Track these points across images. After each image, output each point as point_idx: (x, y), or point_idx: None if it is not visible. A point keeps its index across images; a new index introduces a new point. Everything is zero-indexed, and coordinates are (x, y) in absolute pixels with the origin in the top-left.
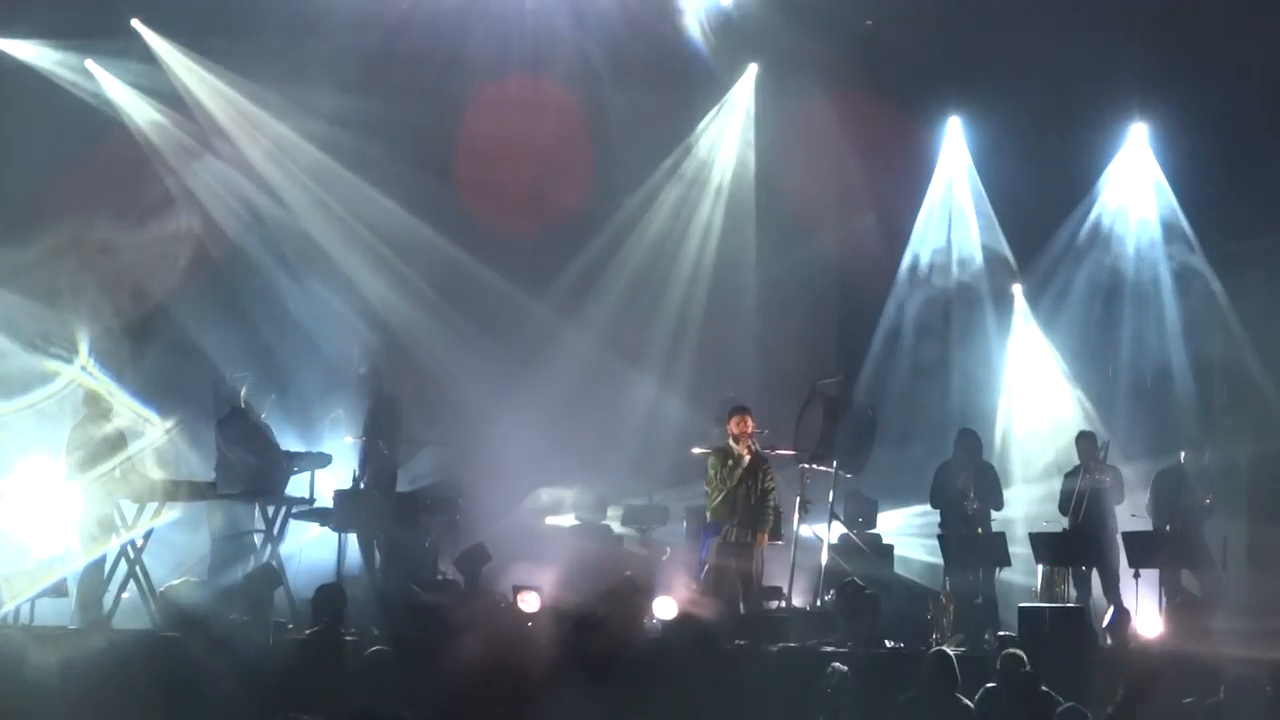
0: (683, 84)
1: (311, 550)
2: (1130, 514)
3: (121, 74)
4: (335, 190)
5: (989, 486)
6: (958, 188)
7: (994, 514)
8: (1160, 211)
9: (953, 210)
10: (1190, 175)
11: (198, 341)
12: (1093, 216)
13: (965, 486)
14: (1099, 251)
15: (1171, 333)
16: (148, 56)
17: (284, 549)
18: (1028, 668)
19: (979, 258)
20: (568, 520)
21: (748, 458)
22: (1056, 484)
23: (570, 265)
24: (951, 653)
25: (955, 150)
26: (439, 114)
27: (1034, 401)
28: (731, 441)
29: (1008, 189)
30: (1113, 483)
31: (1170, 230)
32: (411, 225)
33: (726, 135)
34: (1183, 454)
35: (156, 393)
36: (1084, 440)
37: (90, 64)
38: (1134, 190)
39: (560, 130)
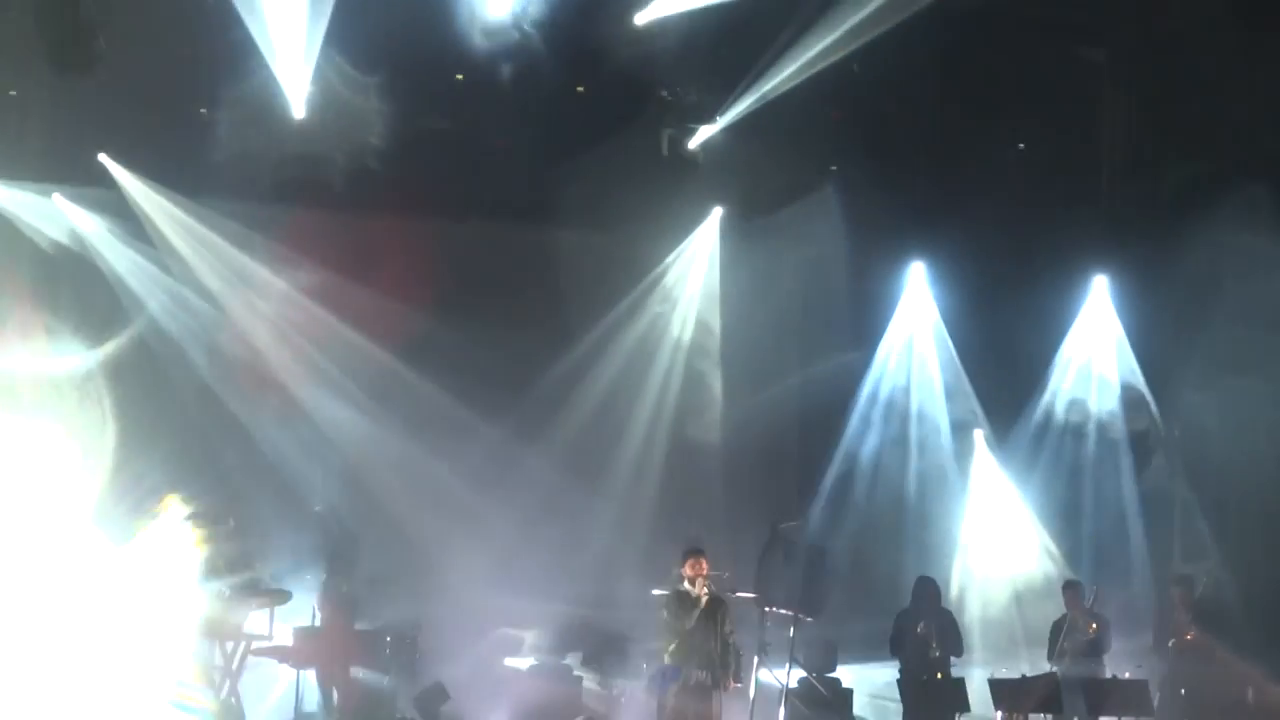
0: (646, 224)
1: (270, 688)
2: (1137, 665)
3: (90, 207)
4: (292, 313)
5: (949, 633)
6: (919, 332)
7: (953, 660)
8: (1120, 364)
9: (913, 353)
10: (1148, 326)
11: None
12: (1054, 364)
13: (926, 634)
14: (1061, 398)
15: (1131, 480)
16: (115, 190)
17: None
18: None
19: (940, 401)
20: (526, 661)
21: (704, 599)
22: (1016, 629)
23: (529, 394)
24: None
25: (918, 295)
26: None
27: (996, 545)
28: (687, 584)
29: (970, 333)
30: (1100, 631)
31: (1128, 382)
32: (366, 349)
33: (691, 275)
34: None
35: None
36: (1069, 589)
37: (57, 197)
38: (1095, 343)
39: (520, 260)
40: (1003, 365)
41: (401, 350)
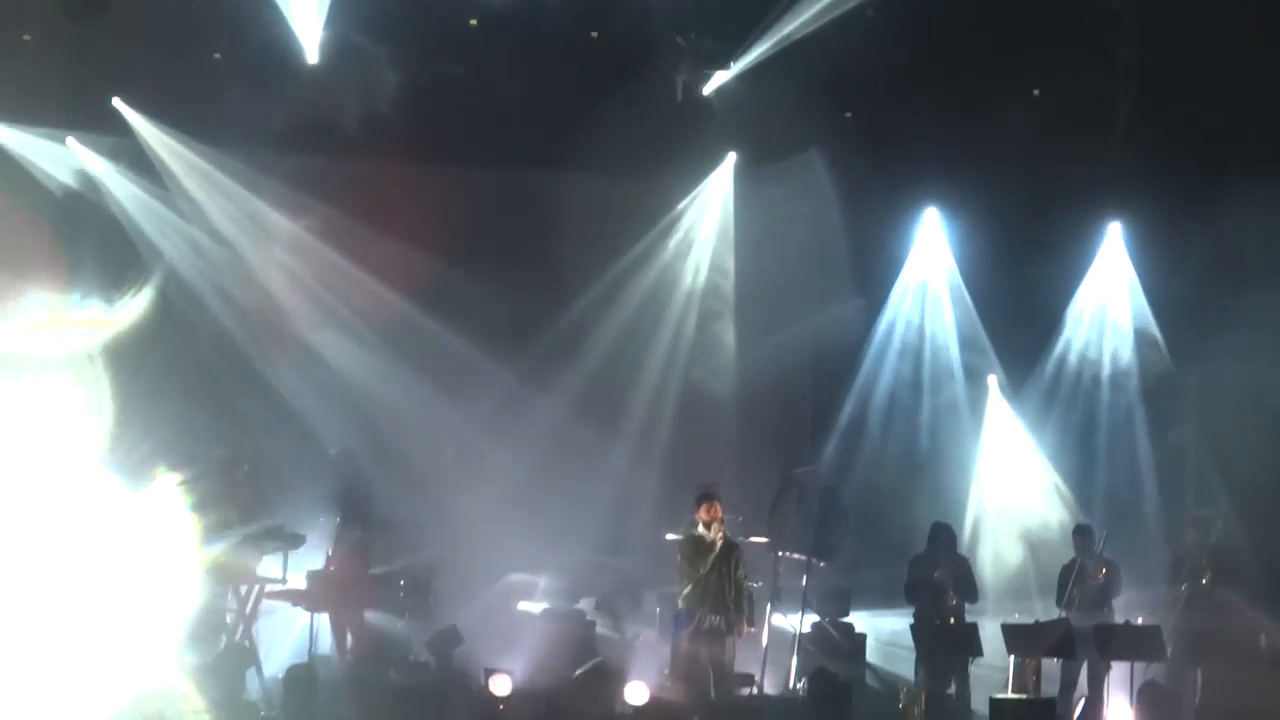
0: (660, 170)
1: (284, 631)
2: (1149, 610)
3: (104, 152)
4: (306, 259)
5: (965, 579)
6: (933, 277)
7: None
8: (1134, 311)
9: (926, 298)
10: (1163, 271)
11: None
12: (1069, 313)
13: (943, 580)
14: (1075, 346)
15: (1144, 430)
16: (128, 134)
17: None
18: None
19: (954, 346)
20: (540, 606)
21: (719, 543)
22: (1029, 575)
23: (543, 339)
24: None
25: (932, 241)
26: (412, 182)
27: (1009, 490)
28: (701, 528)
29: (985, 280)
30: (1110, 577)
31: (1142, 329)
32: (379, 294)
33: (704, 220)
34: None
35: None
36: (1079, 534)
37: (71, 141)
38: (1109, 289)
39: (534, 206)
40: (1017, 311)
41: (414, 295)
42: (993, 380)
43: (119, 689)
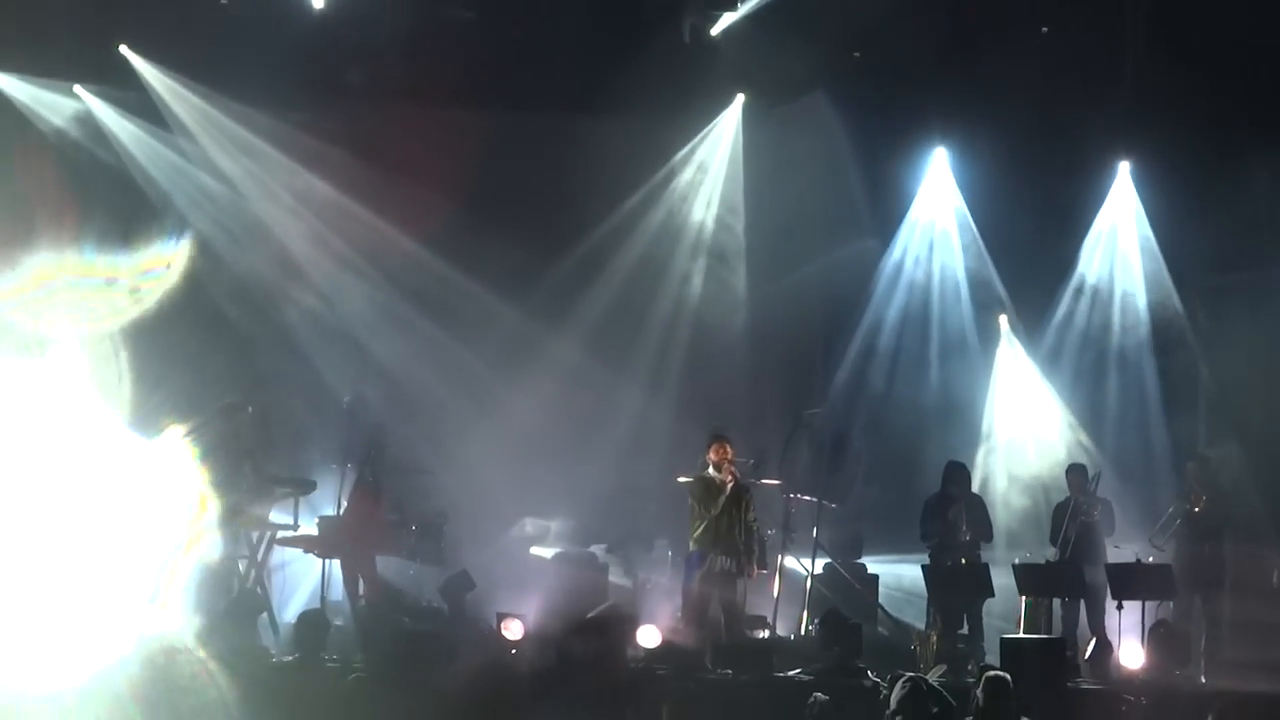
0: (669, 111)
1: (295, 577)
2: (1114, 545)
3: (111, 99)
4: (313, 204)
5: (979, 519)
6: (941, 216)
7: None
8: (1143, 250)
9: (935, 237)
10: (1174, 211)
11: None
12: (1080, 252)
13: (956, 519)
14: (1087, 286)
15: (1156, 368)
16: (136, 83)
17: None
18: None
19: (964, 286)
20: (552, 550)
21: (730, 485)
22: (1041, 514)
23: (553, 278)
24: (933, 680)
25: (940, 180)
26: (420, 126)
27: (1020, 428)
28: (712, 469)
29: (994, 219)
30: (1102, 515)
31: (1152, 269)
32: (389, 236)
33: (714, 161)
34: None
35: None
36: (1074, 473)
37: (79, 89)
38: (1118, 228)
39: (543, 148)
40: (1028, 251)
41: (424, 237)
42: (1003, 319)
43: (125, 636)
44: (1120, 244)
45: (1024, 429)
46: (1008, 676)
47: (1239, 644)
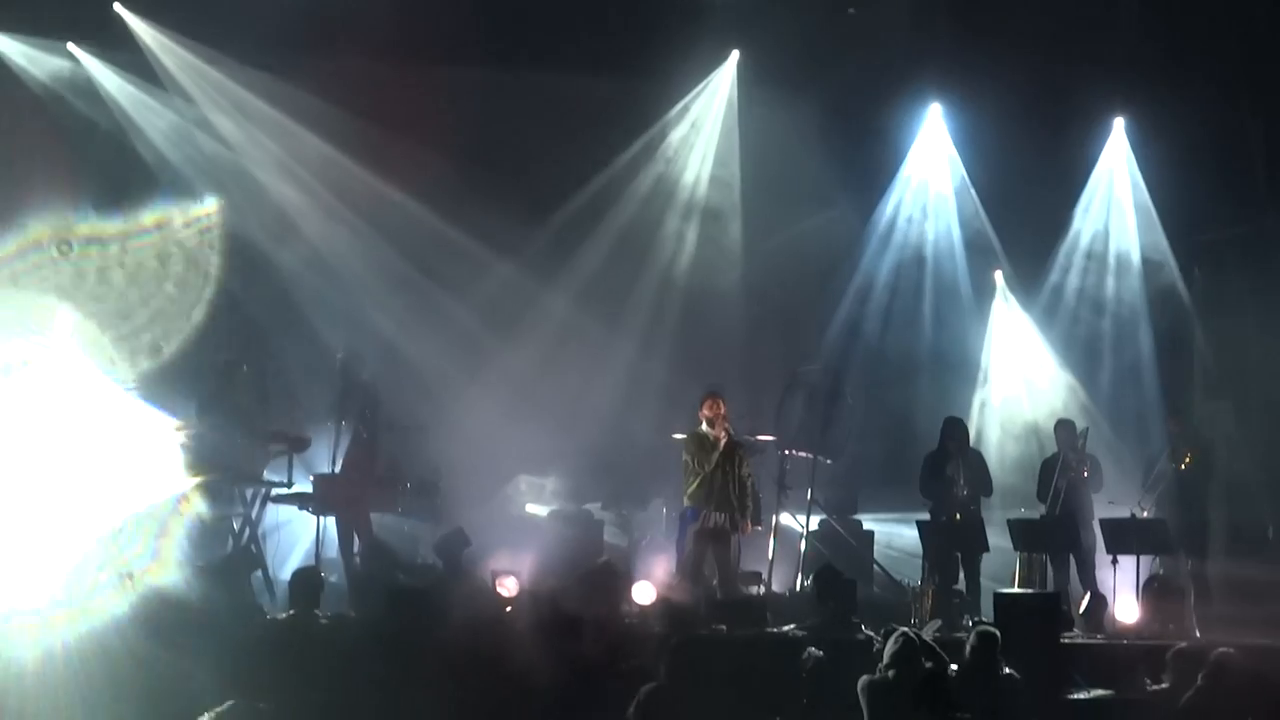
0: (665, 67)
1: (290, 534)
2: (1109, 500)
3: (105, 57)
4: (307, 161)
5: (978, 473)
6: (935, 170)
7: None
8: (1138, 207)
9: (930, 194)
10: (1169, 167)
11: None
12: (1075, 209)
13: (954, 474)
14: (1083, 243)
15: (1150, 323)
16: (131, 42)
17: (262, 531)
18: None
19: (958, 243)
20: (547, 507)
21: (724, 440)
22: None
23: (545, 232)
24: (928, 635)
25: (935, 135)
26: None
27: (1015, 381)
28: (705, 425)
29: (990, 174)
30: (1091, 471)
31: (1147, 226)
32: (377, 187)
33: (709, 117)
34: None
35: None
36: (1062, 428)
37: (73, 47)
38: (1114, 184)
39: (536, 104)
40: (1024, 207)
41: (418, 193)
42: (998, 275)
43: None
44: (1115, 200)
45: (1019, 381)
46: (997, 632)
47: (1231, 602)
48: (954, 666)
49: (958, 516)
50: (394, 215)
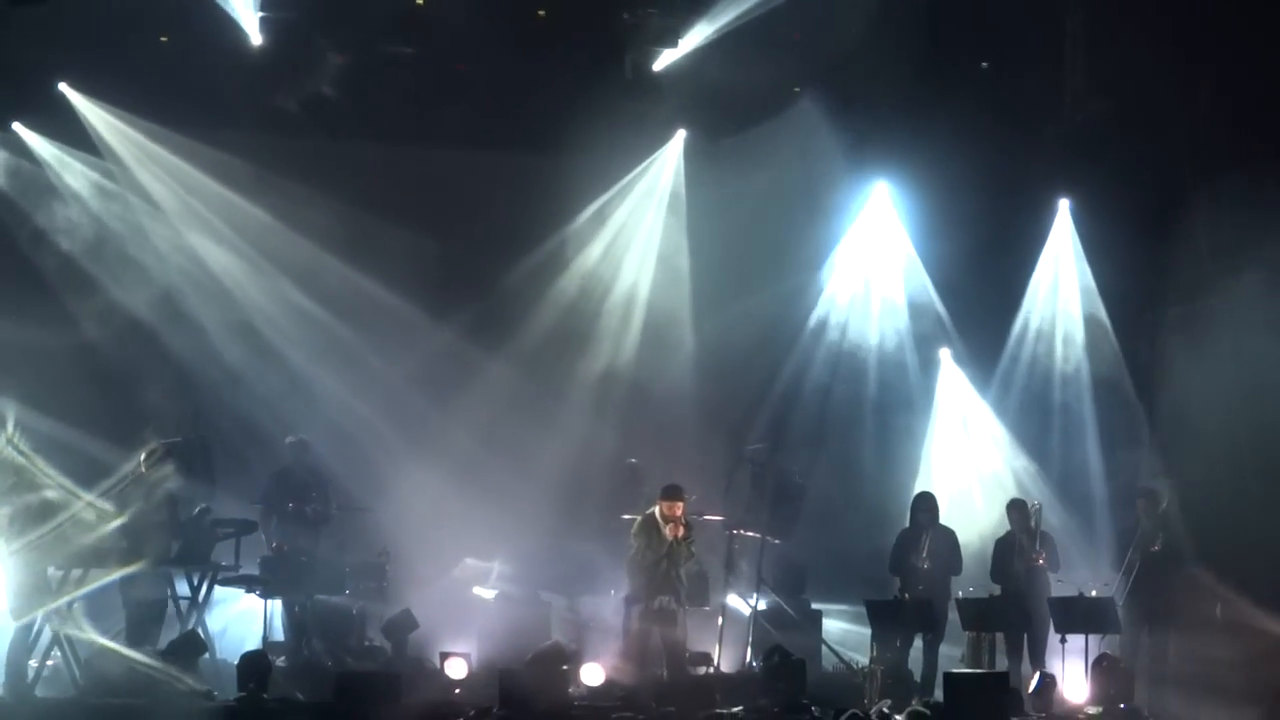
0: (611, 147)
1: (237, 619)
2: (1056, 579)
3: (51, 135)
4: (251, 235)
5: (948, 550)
6: (881, 247)
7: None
8: (1082, 287)
9: (875, 272)
10: (1114, 247)
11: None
12: (1024, 289)
13: (921, 548)
14: (1033, 324)
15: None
16: (75, 120)
17: (210, 617)
18: None
19: (905, 320)
20: (494, 591)
21: (671, 541)
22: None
23: (493, 302)
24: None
25: (880, 212)
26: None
27: (964, 463)
28: (659, 518)
29: (936, 252)
30: (1047, 552)
31: (1091, 309)
32: (315, 255)
33: (656, 193)
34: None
35: None
36: (1015, 509)
37: (18, 127)
38: (1060, 265)
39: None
40: (972, 287)
41: (363, 267)
42: (945, 353)
43: None
44: (1061, 281)
45: (964, 461)
46: (928, 711)
47: (1184, 678)
48: None
49: (919, 589)
50: (338, 288)
